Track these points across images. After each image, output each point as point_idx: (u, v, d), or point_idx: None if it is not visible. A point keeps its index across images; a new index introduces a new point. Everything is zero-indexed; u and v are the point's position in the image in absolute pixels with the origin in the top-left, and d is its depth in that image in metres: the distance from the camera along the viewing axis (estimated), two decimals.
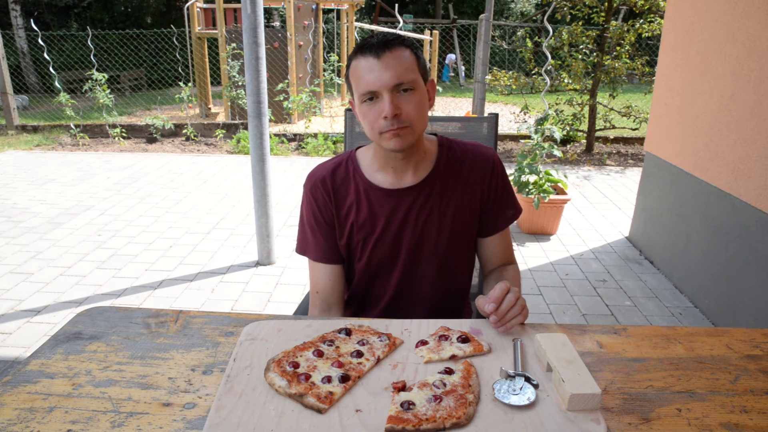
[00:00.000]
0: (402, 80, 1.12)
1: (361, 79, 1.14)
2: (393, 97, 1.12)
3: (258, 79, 3.19)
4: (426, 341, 1.04)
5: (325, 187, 1.29)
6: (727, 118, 2.75)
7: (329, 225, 1.31)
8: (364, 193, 1.28)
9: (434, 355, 0.99)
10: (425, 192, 1.27)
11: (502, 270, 1.34)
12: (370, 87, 1.13)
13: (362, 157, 1.31)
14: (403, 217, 1.27)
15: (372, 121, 1.15)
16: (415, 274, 1.30)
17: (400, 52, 1.13)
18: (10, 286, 3.16)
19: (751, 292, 2.52)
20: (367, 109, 1.15)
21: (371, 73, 1.12)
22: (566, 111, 6.78)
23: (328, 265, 1.33)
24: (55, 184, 5.27)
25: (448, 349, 1.01)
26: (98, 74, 6.99)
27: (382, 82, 1.11)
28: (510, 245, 1.39)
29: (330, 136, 6.92)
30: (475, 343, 1.02)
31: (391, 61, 1.12)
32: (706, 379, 0.97)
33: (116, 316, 1.15)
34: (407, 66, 1.14)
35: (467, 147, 1.32)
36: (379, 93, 1.13)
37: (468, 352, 1.00)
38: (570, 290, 3.19)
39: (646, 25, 6.10)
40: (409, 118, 1.14)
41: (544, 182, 3.90)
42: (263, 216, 3.43)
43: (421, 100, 1.17)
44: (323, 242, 1.32)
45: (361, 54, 1.14)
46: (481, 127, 1.74)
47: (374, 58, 1.12)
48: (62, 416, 0.85)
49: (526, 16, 16.98)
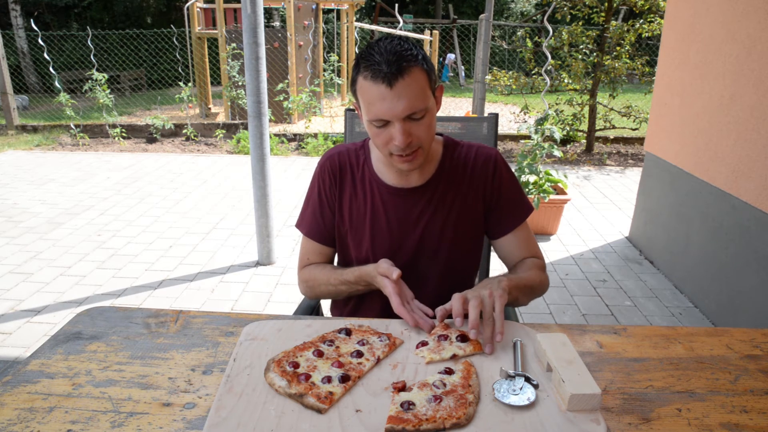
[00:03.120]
0: (415, 110, 1.08)
1: (372, 105, 1.09)
2: (405, 126, 1.09)
3: (258, 79, 3.19)
4: (426, 342, 1.04)
5: (333, 168, 1.31)
6: (727, 118, 2.75)
7: (330, 207, 1.33)
8: (369, 185, 1.29)
9: (435, 355, 0.99)
10: (429, 193, 1.27)
11: (518, 263, 1.31)
12: (381, 116, 1.09)
13: (373, 149, 1.31)
14: (405, 217, 1.27)
15: (382, 143, 1.14)
16: (417, 275, 1.30)
17: (413, 77, 1.07)
18: (10, 286, 3.16)
19: (751, 292, 2.52)
20: (377, 132, 1.13)
21: (383, 102, 1.07)
22: (566, 111, 6.78)
23: (320, 244, 1.36)
24: (55, 184, 5.27)
25: (449, 348, 1.00)
26: (98, 74, 6.99)
27: (394, 113, 1.08)
28: (531, 240, 1.34)
29: (330, 136, 6.92)
30: (475, 342, 1.01)
31: (404, 90, 1.06)
32: (706, 379, 0.97)
33: (116, 316, 1.15)
34: (419, 91, 1.09)
35: (471, 147, 1.32)
36: (390, 122, 1.10)
37: (468, 351, 1.00)
38: (570, 290, 3.19)
39: (646, 25, 6.10)
40: (420, 141, 1.13)
41: (544, 182, 3.90)
42: (263, 216, 3.43)
43: (431, 120, 1.14)
44: (321, 221, 1.34)
45: (373, 79, 1.07)
46: (481, 127, 1.73)
47: (386, 87, 1.06)
48: (62, 416, 0.85)
49: (526, 16, 16.98)
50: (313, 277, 1.34)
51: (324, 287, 1.31)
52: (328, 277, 1.30)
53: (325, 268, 1.33)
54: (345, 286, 1.26)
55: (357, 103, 1.17)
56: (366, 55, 1.09)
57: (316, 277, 1.33)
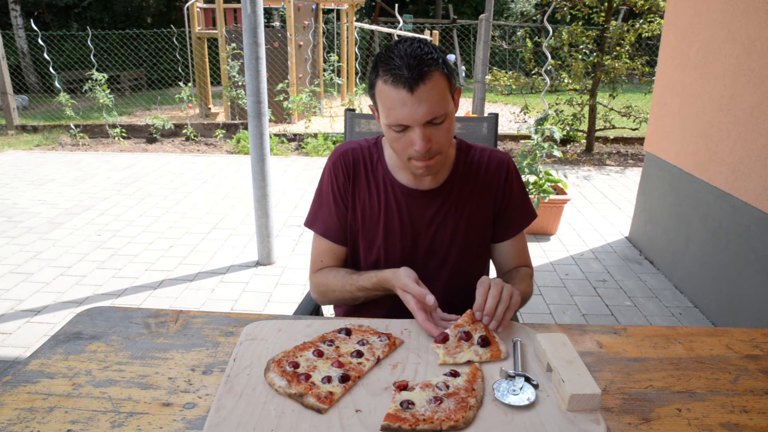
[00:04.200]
0: (435, 115, 1.07)
1: (392, 110, 1.08)
2: (425, 132, 1.08)
3: (258, 79, 3.19)
4: (447, 336, 1.01)
5: (347, 165, 1.28)
6: (727, 118, 2.75)
7: (344, 204, 1.30)
8: (383, 184, 1.28)
9: (449, 358, 0.97)
10: (442, 196, 1.27)
11: (513, 272, 1.33)
12: (401, 121, 1.08)
13: (387, 147, 1.30)
14: (419, 219, 1.27)
15: (401, 148, 1.13)
16: (427, 277, 1.28)
17: (434, 81, 1.06)
18: (10, 286, 3.16)
19: (751, 292, 2.52)
20: (396, 137, 1.12)
21: (404, 107, 1.06)
22: (566, 111, 6.78)
23: (334, 243, 1.32)
24: (55, 184, 5.27)
25: (466, 353, 0.98)
26: (98, 74, 6.98)
27: (414, 119, 1.07)
28: (524, 249, 1.37)
29: (330, 136, 6.92)
30: (494, 349, 0.99)
31: (425, 95, 1.05)
32: (706, 379, 0.97)
33: (116, 316, 1.15)
34: (440, 96, 1.07)
35: (484, 151, 1.32)
36: (410, 127, 1.09)
37: (485, 359, 0.98)
38: (570, 290, 3.18)
39: (646, 25, 6.11)
40: (440, 146, 1.13)
41: (544, 182, 3.90)
42: (263, 216, 3.43)
43: (451, 124, 1.13)
44: (336, 220, 1.30)
45: (393, 84, 1.05)
46: (481, 127, 1.73)
47: (407, 92, 1.04)
48: (62, 416, 0.85)
49: (526, 16, 16.98)
50: (326, 282, 1.30)
51: (339, 293, 1.28)
52: (343, 283, 1.26)
53: (339, 273, 1.29)
54: (362, 292, 1.23)
55: (375, 106, 1.16)
56: (385, 59, 1.07)
57: (329, 282, 1.29)
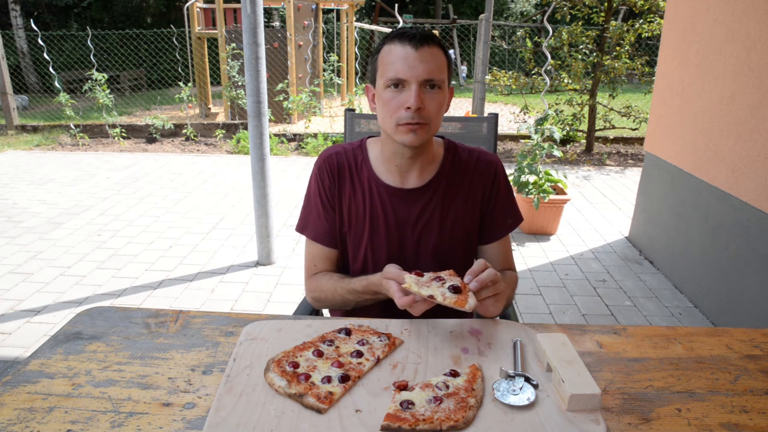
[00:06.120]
0: (433, 76, 1.13)
1: (393, 64, 1.14)
2: (420, 91, 1.13)
3: (258, 79, 3.19)
4: (422, 273, 1.06)
5: (332, 169, 1.30)
6: (727, 118, 2.75)
7: (332, 207, 1.31)
8: (368, 185, 1.28)
9: (416, 287, 1.01)
10: (428, 195, 1.27)
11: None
12: (400, 75, 1.13)
13: (371, 149, 1.31)
14: (404, 218, 1.27)
15: (392, 109, 1.15)
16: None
17: (437, 51, 1.15)
18: (10, 286, 3.16)
19: (751, 292, 2.52)
20: (390, 96, 1.15)
21: (405, 61, 1.12)
22: (566, 111, 6.78)
23: (326, 247, 1.33)
24: (55, 184, 5.27)
25: (433, 289, 1.00)
26: (98, 74, 6.99)
27: (414, 73, 1.12)
28: (510, 253, 1.38)
29: (330, 136, 6.92)
30: (462, 298, 0.99)
31: (428, 55, 1.13)
32: (706, 379, 0.97)
33: (116, 316, 1.15)
34: (440, 65, 1.15)
35: (473, 152, 1.32)
36: (408, 83, 1.13)
37: (448, 303, 0.98)
38: (570, 290, 3.19)
39: (645, 25, 6.11)
40: (430, 116, 1.16)
41: (543, 182, 3.90)
42: (263, 216, 3.43)
43: (443, 101, 1.19)
44: (325, 223, 1.32)
45: (399, 41, 1.14)
46: (481, 127, 1.73)
47: (412, 48, 1.12)
48: (62, 416, 0.85)
49: (526, 16, 16.98)
50: (320, 287, 1.32)
51: (330, 297, 1.29)
52: (335, 287, 1.28)
53: (332, 278, 1.31)
54: (352, 295, 1.25)
55: (373, 76, 1.21)
56: (394, 31, 1.18)
57: (323, 287, 1.31)
